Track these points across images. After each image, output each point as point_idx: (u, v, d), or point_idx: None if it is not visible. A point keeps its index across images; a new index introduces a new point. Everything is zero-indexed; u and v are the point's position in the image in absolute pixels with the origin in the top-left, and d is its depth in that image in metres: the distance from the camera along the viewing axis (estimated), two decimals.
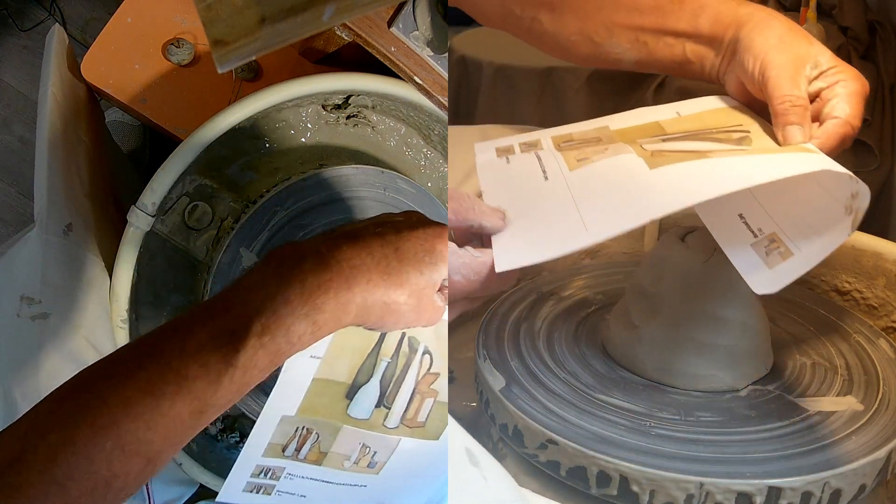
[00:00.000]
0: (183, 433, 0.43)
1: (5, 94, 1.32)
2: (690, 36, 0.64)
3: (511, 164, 0.60)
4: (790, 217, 0.54)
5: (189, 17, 0.86)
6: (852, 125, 0.55)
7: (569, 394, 0.59)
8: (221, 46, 0.41)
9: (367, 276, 0.45)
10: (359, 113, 0.78)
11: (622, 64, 0.69)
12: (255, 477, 0.60)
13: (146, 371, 0.41)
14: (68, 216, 0.70)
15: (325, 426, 0.58)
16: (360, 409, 0.57)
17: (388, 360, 0.55)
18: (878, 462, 0.52)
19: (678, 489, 0.50)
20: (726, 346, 0.60)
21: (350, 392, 0.56)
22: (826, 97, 0.57)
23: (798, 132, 0.55)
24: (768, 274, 0.53)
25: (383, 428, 0.59)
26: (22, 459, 0.40)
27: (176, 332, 0.43)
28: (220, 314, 0.43)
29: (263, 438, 0.57)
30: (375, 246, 0.46)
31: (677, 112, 0.63)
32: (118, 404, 0.41)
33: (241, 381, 0.43)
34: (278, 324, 0.43)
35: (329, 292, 0.44)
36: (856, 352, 0.64)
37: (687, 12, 0.63)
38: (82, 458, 0.40)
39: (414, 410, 0.60)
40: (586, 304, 0.72)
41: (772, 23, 0.59)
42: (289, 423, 0.56)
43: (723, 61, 0.63)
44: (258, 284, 0.44)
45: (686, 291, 0.60)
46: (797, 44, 0.58)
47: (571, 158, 0.56)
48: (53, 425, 0.41)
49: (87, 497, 0.41)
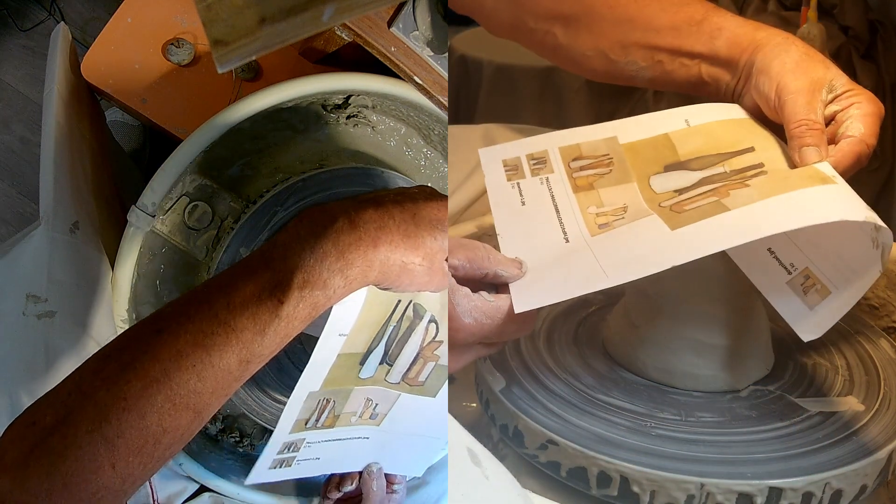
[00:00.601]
0: (230, 384, 0.45)
1: (5, 94, 1.32)
2: (707, 57, 0.64)
3: (525, 203, 0.60)
4: (820, 248, 0.55)
5: (189, 17, 0.85)
6: (867, 143, 0.56)
7: (569, 394, 0.59)
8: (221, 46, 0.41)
9: (390, 238, 0.48)
10: (359, 113, 0.78)
11: (636, 81, 0.69)
12: (280, 454, 0.61)
13: (195, 324, 0.44)
14: (74, 214, 0.70)
15: (340, 393, 0.60)
16: (369, 369, 0.60)
17: (395, 325, 0.58)
18: (879, 462, 0.52)
19: (679, 490, 0.50)
20: (727, 347, 0.60)
21: (363, 359, 0.59)
22: (841, 119, 0.58)
23: (814, 153, 0.55)
24: (810, 316, 0.54)
25: (385, 382, 0.61)
26: (68, 421, 0.41)
27: (220, 287, 0.45)
28: (262, 269, 0.46)
29: (291, 417, 0.59)
30: (396, 212, 0.49)
31: (686, 121, 0.62)
32: (169, 357, 0.42)
33: (284, 332, 0.45)
34: (316, 277, 0.46)
35: (359, 250, 0.47)
36: (856, 352, 0.64)
37: (704, 34, 0.64)
38: (134, 414, 0.42)
39: (416, 372, 0.62)
40: (586, 304, 0.71)
41: (788, 48, 0.60)
42: (313, 398, 0.58)
43: (738, 83, 0.63)
44: (295, 241, 0.47)
45: (686, 291, 0.60)
46: (813, 68, 0.58)
47: (591, 219, 0.57)
48: (100, 384, 0.42)
49: (136, 455, 0.42)
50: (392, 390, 0.62)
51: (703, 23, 0.64)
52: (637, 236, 0.54)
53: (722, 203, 0.53)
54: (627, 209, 0.57)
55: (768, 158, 0.58)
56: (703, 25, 0.64)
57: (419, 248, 0.49)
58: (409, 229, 0.49)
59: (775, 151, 0.58)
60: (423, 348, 0.60)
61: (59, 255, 0.68)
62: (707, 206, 0.54)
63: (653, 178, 0.59)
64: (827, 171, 0.55)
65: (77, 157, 0.75)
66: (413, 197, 0.51)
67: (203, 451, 0.76)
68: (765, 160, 0.58)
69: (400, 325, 0.58)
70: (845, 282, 0.53)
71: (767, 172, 0.57)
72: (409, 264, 0.49)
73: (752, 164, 0.58)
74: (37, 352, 0.66)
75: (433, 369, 0.62)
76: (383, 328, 0.57)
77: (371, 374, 0.60)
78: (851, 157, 0.55)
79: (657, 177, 0.59)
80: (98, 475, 0.41)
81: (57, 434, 0.41)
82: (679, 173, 0.59)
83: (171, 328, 0.44)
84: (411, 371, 0.61)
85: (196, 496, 0.77)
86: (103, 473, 0.42)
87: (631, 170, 0.60)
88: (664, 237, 0.53)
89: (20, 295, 0.66)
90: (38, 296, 0.66)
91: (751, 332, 0.61)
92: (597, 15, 0.67)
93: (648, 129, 0.63)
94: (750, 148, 0.59)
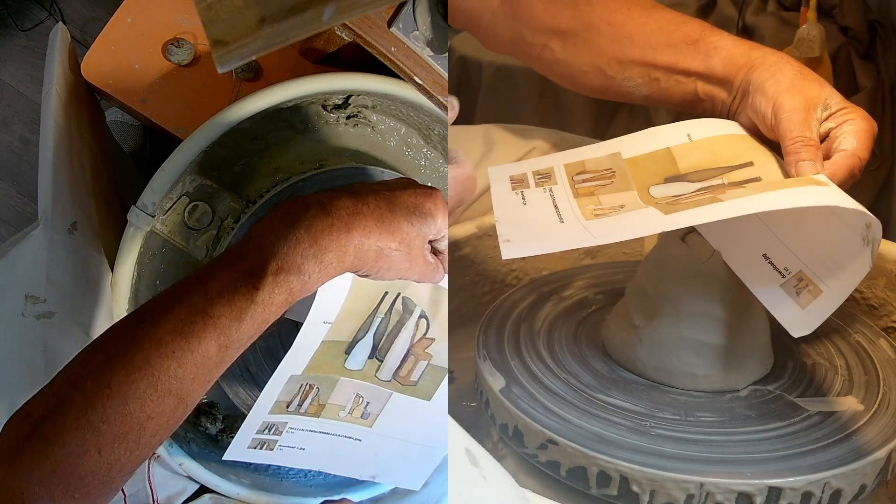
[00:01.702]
0: (210, 370, 0.47)
1: (5, 94, 1.32)
2: (703, 75, 0.65)
3: (527, 203, 0.61)
4: (813, 252, 0.56)
5: (189, 17, 0.85)
6: (860, 157, 0.57)
7: (569, 394, 0.59)
8: (221, 46, 0.41)
9: (364, 223, 0.49)
10: (359, 113, 0.78)
11: (632, 98, 0.70)
12: (259, 433, 0.62)
13: (174, 313, 0.46)
14: (73, 214, 0.70)
15: (325, 381, 0.61)
16: (355, 360, 0.60)
17: (382, 317, 0.58)
18: (879, 462, 0.52)
19: (678, 489, 0.50)
20: (726, 347, 0.60)
21: (349, 348, 0.59)
22: (835, 135, 0.59)
23: (810, 167, 0.56)
24: (802, 315, 0.56)
25: (375, 379, 0.62)
26: (57, 410, 0.44)
27: (199, 279, 0.47)
28: (238, 259, 0.48)
29: (271, 397, 0.59)
30: (370, 198, 0.51)
31: (688, 135, 0.63)
32: (150, 345, 0.45)
33: (261, 318, 0.47)
34: (290, 263, 0.47)
35: (332, 235, 0.48)
36: (856, 352, 0.64)
37: (700, 52, 0.64)
38: (117, 400, 0.44)
39: (407, 370, 0.62)
40: (586, 304, 0.72)
41: (783, 67, 0.61)
42: (295, 381, 0.59)
43: (734, 101, 0.64)
44: (269, 231, 0.48)
45: (686, 291, 0.60)
46: (808, 87, 0.59)
47: (588, 211, 0.58)
48: (88, 373, 0.45)
49: (121, 441, 0.44)
50: (383, 388, 0.62)
51: (699, 41, 0.65)
52: (630, 219, 0.56)
53: (717, 198, 0.54)
54: (624, 206, 0.58)
55: (766, 173, 0.59)
56: (700, 44, 0.65)
57: (395, 234, 0.50)
58: (383, 215, 0.50)
59: (773, 167, 0.59)
60: (413, 345, 0.60)
61: (57, 256, 0.68)
62: (702, 200, 0.55)
63: (652, 188, 0.60)
64: (822, 180, 0.56)
65: (76, 157, 0.75)
66: (390, 186, 0.53)
67: (203, 451, 0.76)
68: (762, 174, 0.59)
69: (389, 319, 0.59)
70: (836, 280, 0.55)
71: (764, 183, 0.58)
72: (385, 249, 0.50)
73: (750, 177, 0.59)
74: (36, 352, 0.66)
75: (426, 369, 0.62)
76: (370, 318, 0.58)
77: (359, 366, 0.60)
78: (845, 169, 0.56)
79: (656, 187, 0.60)
80: (85, 460, 0.43)
81: (47, 422, 0.43)
82: (678, 184, 0.60)
83: (153, 319, 0.46)
84: (402, 369, 0.62)
85: (196, 496, 0.77)
86: (90, 458, 0.43)
87: (632, 181, 0.61)
88: (656, 218, 0.54)
89: (19, 296, 0.66)
90: (37, 296, 0.66)
91: (750, 332, 0.61)
92: (595, 31, 0.68)
93: (651, 143, 0.63)
94: (749, 163, 0.60)
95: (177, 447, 0.72)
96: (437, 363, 0.62)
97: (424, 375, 0.62)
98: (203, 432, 0.77)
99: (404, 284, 0.58)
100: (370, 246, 0.50)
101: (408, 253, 0.51)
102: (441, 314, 0.61)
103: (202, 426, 0.77)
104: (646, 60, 0.66)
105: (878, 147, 1.07)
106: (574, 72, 0.70)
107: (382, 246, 0.50)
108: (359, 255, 0.49)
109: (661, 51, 0.66)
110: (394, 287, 0.58)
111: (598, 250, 0.84)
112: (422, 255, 0.53)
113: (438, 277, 0.55)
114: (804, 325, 0.56)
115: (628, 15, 0.67)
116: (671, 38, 0.65)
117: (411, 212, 0.51)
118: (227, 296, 0.46)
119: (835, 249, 0.55)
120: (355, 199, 0.50)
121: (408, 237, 0.51)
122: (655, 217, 0.54)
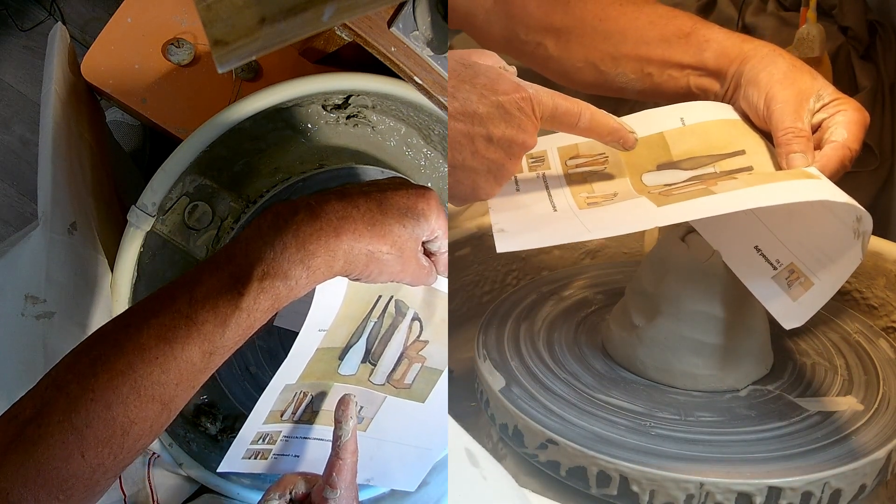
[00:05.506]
0: (195, 376, 0.46)
1: (5, 94, 1.32)
2: (695, 69, 0.65)
3: (520, 189, 0.61)
4: (804, 245, 0.56)
5: (189, 17, 0.85)
6: (850, 149, 0.57)
7: (569, 394, 0.59)
8: (221, 46, 0.41)
9: (353, 227, 0.48)
10: (359, 113, 0.78)
11: (626, 93, 0.70)
12: (254, 444, 0.61)
13: (158, 318, 0.45)
14: (72, 214, 0.70)
15: (318, 387, 0.60)
16: (349, 366, 0.59)
17: (375, 321, 0.58)
18: (878, 462, 0.52)
19: (678, 489, 0.50)
20: (726, 347, 0.60)
21: (343, 353, 0.59)
22: (827, 126, 0.59)
23: (801, 159, 0.57)
24: (794, 307, 0.56)
25: (369, 383, 0.61)
26: (42, 412, 0.43)
27: (185, 284, 0.46)
28: (224, 264, 0.47)
29: (266, 408, 0.59)
30: (360, 201, 0.50)
31: (682, 119, 0.63)
32: (134, 350, 0.44)
33: (246, 324, 0.46)
34: (277, 268, 0.46)
35: (320, 240, 0.47)
36: (856, 352, 0.64)
37: (693, 46, 0.65)
38: (100, 405, 0.43)
39: (401, 373, 0.61)
40: (586, 304, 0.72)
41: (776, 59, 0.61)
42: (289, 390, 0.58)
43: (727, 94, 0.65)
44: (257, 236, 0.48)
45: (686, 291, 0.60)
46: (801, 79, 0.60)
47: (581, 199, 0.58)
48: (72, 377, 0.44)
49: (105, 445, 0.44)
50: (377, 392, 0.62)
51: (691, 35, 0.65)
52: (623, 210, 0.56)
53: (709, 189, 0.55)
54: (617, 195, 0.58)
55: (758, 162, 0.59)
56: (692, 37, 0.65)
57: (386, 237, 0.49)
58: (374, 217, 0.49)
59: (764, 156, 0.60)
60: (407, 348, 0.60)
61: (57, 256, 0.68)
62: (694, 191, 0.55)
63: (645, 175, 0.60)
64: (813, 172, 0.56)
65: (75, 158, 0.75)
66: (381, 187, 0.52)
67: (203, 451, 0.76)
68: (754, 164, 0.59)
69: (382, 322, 0.58)
70: (827, 273, 0.55)
71: (755, 174, 0.58)
72: (377, 253, 0.49)
73: (742, 166, 0.59)
74: (36, 352, 0.66)
75: (420, 372, 0.62)
76: (363, 323, 0.57)
77: (352, 371, 0.60)
78: (835, 161, 0.57)
79: (649, 174, 0.60)
80: (68, 463, 0.43)
81: (32, 425, 0.43)
82: (670, 172, 0.60)
83: (138, 323, 0.45)
84: (396, 372, 0.61)
85: (196, 496, 0.77)
86: (73, 462, 0.43)
87: (625, 167, 0.61)
88: (650, 211, 0.54)
89: (19, 296, 0.66)
90: (36, 296, 0.66)
91: (750, 332, 0.61)
92: (588, 27, 0.68)
93: (645, 127, 0.63)
94: (741, 151, 0.60)
95: (177, 447, 0.72)
96: (431, 365, 0.62)
97: (418, 378, 0.62)
98: (203, 432, 0.77)
99: (397, 287, 0.57)
100: (360, 250, 0.48)
101: (400, 256, 0.50)
102: (435, 316, 0.60)
103: (202, 426, 0.77)
104: (638, 55, 0.67)
105: (879, 147, 1.07)
106: (568, 68, 0.71)
107: (373, 249, 0.49)
108: (349, 260, 0.48)
109: (654, 45, 0.66)
110: (387, 290, 0.57)
111: (598, 250, 0.84)
112: (414, 258, 0.51)
113: (431, 280, 0.54)
114: (796, 318, 0.57)
115: (620, 10, 0.67)
116: (663, 32, 0.66)
117: (403, 213, 0.50)
118: (212, 301, 0.45)
119: (826, 242, 0.55)
120: (345, 202, 0.49)
121: (399, 240, 0.50)
122: (647, 209, 0.54)
